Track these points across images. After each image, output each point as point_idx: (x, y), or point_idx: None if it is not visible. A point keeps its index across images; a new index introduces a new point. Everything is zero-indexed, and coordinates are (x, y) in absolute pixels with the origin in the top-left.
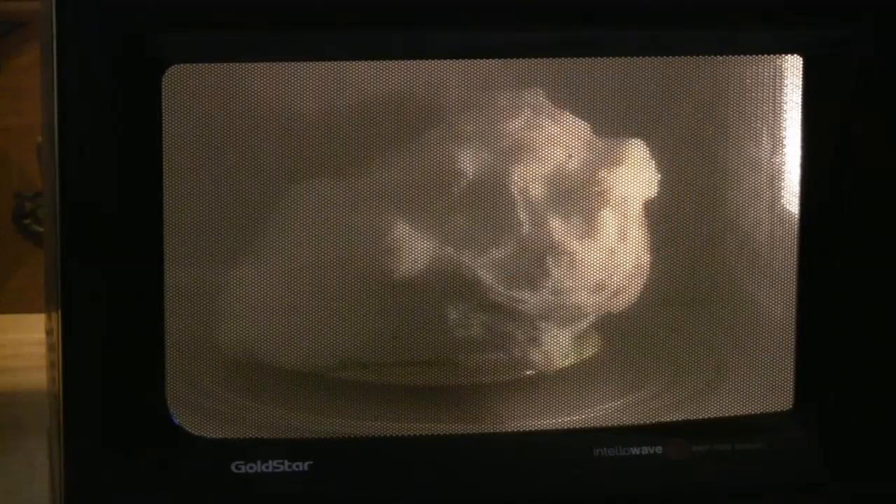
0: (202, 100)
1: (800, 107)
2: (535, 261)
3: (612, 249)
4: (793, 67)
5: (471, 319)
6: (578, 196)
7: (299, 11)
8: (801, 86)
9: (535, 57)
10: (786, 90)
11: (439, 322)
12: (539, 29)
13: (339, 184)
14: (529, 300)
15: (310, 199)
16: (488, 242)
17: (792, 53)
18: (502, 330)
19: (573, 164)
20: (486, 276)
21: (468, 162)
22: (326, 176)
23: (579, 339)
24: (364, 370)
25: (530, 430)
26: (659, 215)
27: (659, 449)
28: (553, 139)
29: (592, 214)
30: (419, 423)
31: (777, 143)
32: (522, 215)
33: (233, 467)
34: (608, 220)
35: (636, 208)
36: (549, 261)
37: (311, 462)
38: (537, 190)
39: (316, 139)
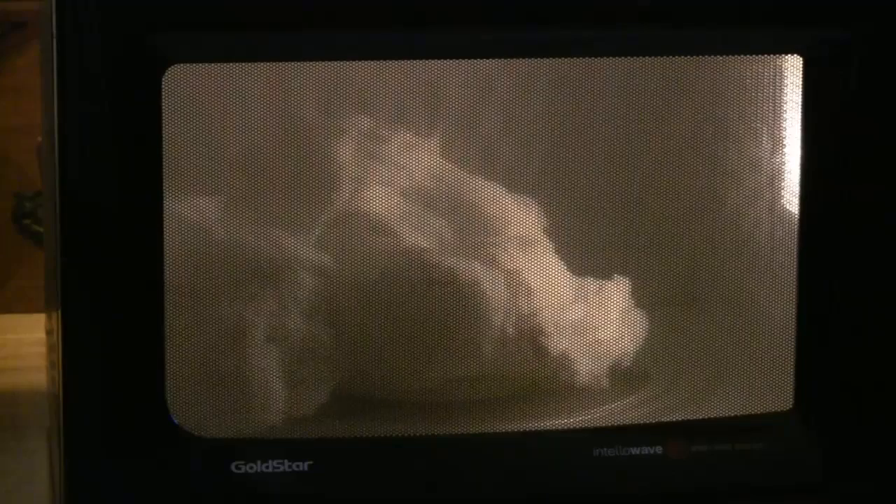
0: (202, 100)
1: (800, 107)
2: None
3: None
4: (793, 67)
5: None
6: None
7: (299, 11)
8: (801, 86)
9: (535, 57)
10: (786, 90)
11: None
12: (539, 29)
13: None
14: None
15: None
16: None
17: (792, 53)
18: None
19: None
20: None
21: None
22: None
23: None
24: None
25: (530, 430)
26: (659, 215)
27: (659, 449)
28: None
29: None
30: (419, 423)
31: (777, 143)
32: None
33: (233, 467)
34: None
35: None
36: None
37: (311, 462)
38: None
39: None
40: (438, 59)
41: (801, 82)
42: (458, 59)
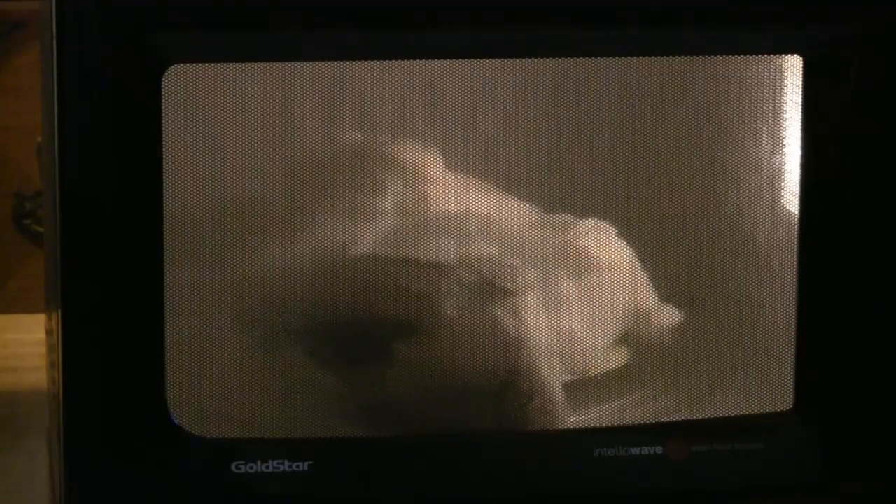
0: (202, 100)
1: (800, 107)
2: None
3: None
4: (793, 67)
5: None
6: None
7: (299, 11)
8: (801, 86)
9: (535, 57)
10: (786, 90)
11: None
12: (539, 29)
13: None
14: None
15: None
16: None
17: (792, 53)
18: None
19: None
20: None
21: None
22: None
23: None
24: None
25: (530, 430)
26: (659, 215)
27: (659, 449)
28: None
29: None
30: (419, 423)
31: (777, 143)
32: None
33: (233, 467)
34: None
35: None
36: None
37: (311, 462)
38: None
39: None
40: (438, 59)
41: (801, 82)
42: (458, 59)
